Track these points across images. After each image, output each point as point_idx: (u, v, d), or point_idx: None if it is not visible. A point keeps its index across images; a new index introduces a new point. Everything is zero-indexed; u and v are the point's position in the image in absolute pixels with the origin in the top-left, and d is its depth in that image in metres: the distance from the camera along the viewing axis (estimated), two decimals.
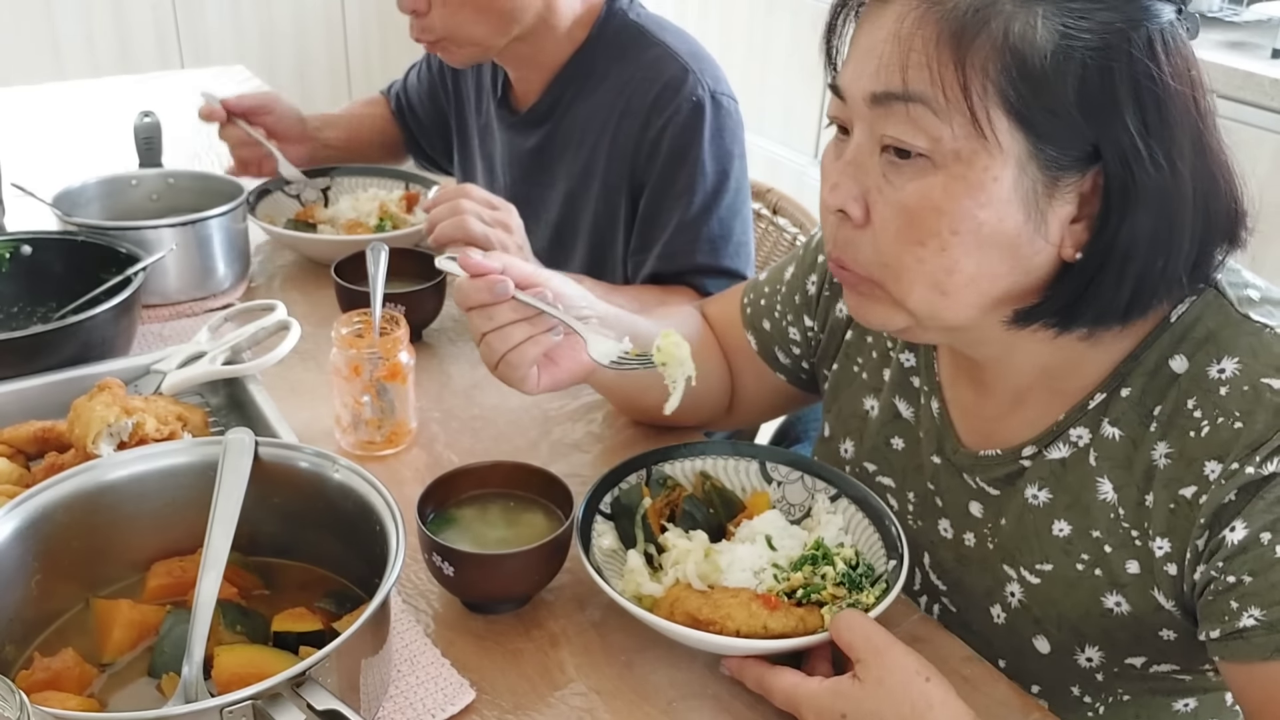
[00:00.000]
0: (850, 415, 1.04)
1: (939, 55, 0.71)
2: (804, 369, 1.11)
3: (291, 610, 0.81)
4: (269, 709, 0.64)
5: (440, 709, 0.80)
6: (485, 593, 0.89)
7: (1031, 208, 0.73)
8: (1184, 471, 0.77)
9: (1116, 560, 0.82)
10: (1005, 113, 0.70)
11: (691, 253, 1.40)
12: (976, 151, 0.71)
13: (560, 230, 1.52)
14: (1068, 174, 0.72)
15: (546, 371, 0.93)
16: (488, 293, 0.88)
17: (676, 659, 0.86)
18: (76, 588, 0.83)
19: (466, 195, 1.24)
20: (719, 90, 1.41)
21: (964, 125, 0.71)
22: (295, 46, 4.00)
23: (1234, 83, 2.09)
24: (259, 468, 0.85)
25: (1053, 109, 0.70)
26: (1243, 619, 0.72)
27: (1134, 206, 0.71)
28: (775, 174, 3.16)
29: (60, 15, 3.58)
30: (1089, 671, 0.87)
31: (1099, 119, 0.70)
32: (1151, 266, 0.73)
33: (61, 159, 1.85)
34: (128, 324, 1.19)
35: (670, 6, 3.52)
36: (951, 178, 0.72)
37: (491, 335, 0.90)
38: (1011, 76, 0.69)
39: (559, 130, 1.48)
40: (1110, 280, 0.74)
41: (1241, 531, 0.73)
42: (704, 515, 0.95)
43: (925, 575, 0.97)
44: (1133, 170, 0.70)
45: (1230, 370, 0.76)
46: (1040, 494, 0.86)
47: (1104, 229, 0.73)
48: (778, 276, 1.11)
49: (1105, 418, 0.82)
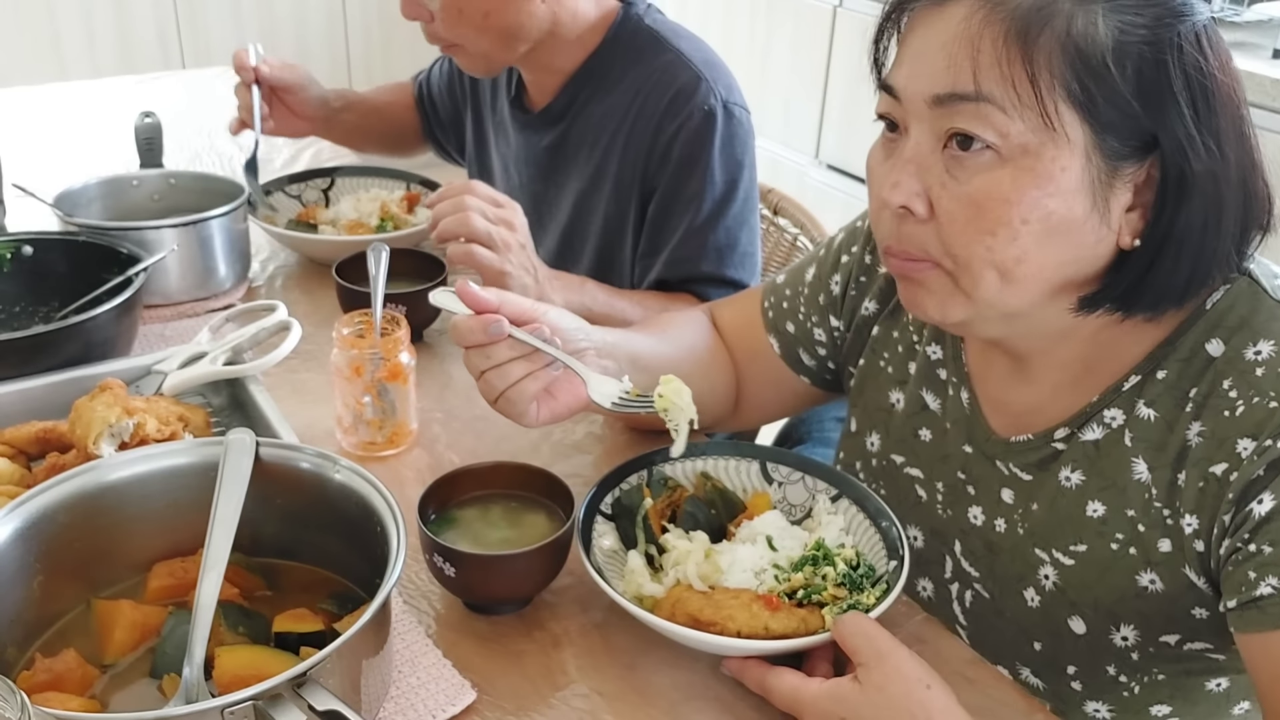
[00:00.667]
0: (876, 409, 1.04)
1: (1007, 53, 0.74)
2: (829, 369, 1.11)
3: (292, 611, 0.81)
4: (270, 710, 0.64)
5: (441, 710, 0.80)
6: (487, 593, 0.89)
7: (1096, 196, 0.76)
8: (1216, 450, 0.78)
9: (1149, 539, 0.83)
10: (1071, 105, 0.74)
11: (697, 260, 1.40)
12: (1044, 143, 0.74)
13: (571, 231, 1.52)
14: (1126, 164, 0.75)
15: (545, 405, 0.92)
16: (482, 333, 0.88)
17: (679, 660, 0.86)
18: (78, 588, 0.83)
19: (471, 191, 1.24)
20: (731, 100, 1.41)
21: (1033, 119, 0.74)
22: (296, 46, 4.00)
23: None
24: (260, 468, 0.85)
25: (1114, 100, 0.73)
26: (1261, 588, 0.74)
27: (1188, 193, 0.75)
28: (775, 174, 3.16)
29: (61, 15, 3.58)
30: (1124, 651, 0.87)
31: (1156, 109, 0.74)
32: (1204, 249, 0.77)
33: (63, 159, 1.85)
34: (129, 324, 1.19)
35: (670, 6, 3.52)
36: (1020, 170, 0.75)
37: (490, 373, 0.89)
38: (1076, 70, 0.73)
39: (572, 131, 1.49)
40: (1168, 264, 0.77)
41: (1269, 504, 0.74)
42: (705, 516, 0.95)
43: (957, 563, 0.98)
44: (1188, 158, 0.74)
45: (1267, 352, 0.78)
46: (1074, 476, 0.87)
47: (1160, 216, 0.76)
48: (798, 279, 1.12)
49: (1140, 399, 0.83)
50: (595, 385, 0.90)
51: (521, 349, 0.89)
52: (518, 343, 0.88)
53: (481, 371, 0.90)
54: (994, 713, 0.83)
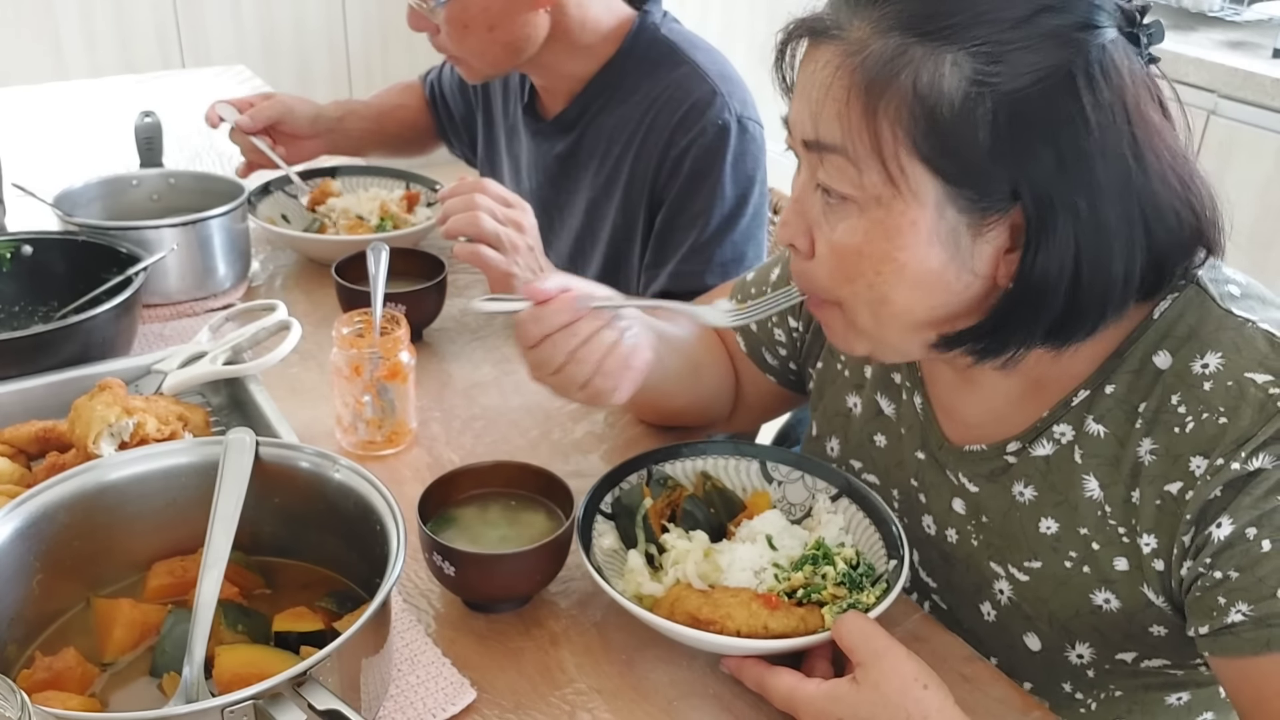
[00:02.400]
0: (834, 413, 1.04)
1: (851, 107, 0.72)
2: (791, 369, 1.11)
3: (292, 610, 0.81)
4: (270, 709, 0.64)
5: (441, 708, 0.80)
6: (486, 592, 0.89)
7: (954, 246, 0.74)
8: (1170, 468, 0.77)
9: (1105, 557, 0.82)
10: (918, 161, 0.72)
11: (702, 274, 1.39)
12: (894, 197, 0.73)
13: (581, 238, 1.52)
14: (991, 211, 0.73)
15: (627, 376, 0.91)
16: (570, 311, 0.86)
17: (677, 658, 0.86)
18: (78, 587, 0.83)
19: (482, 189, 1.24)
20: (745, 114, 1.40)
21: (879, 173, 0.73)
22: (295, 46, 4.01)
23: (1234, 82, 2.08)
24: (260, 468, 0.85)
25: (963, 155, 0.71)
26: (1231, 614, 0.73)
27: (1050, 241, 0.72)
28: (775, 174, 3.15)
29: (61, 15, 3.59)
30: (1080, 668, 0.87)
31: (1012, 163, 0.70)
32: (1076, 294, 0.74)
33: (62, 159, 1.85)
34: (128, 324, 1.19)
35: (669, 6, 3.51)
36: (873, 222, 0.75)
37: (582, 350, 0.87)
38: (921, 127, 0.71)
39: (585, 140, 1.48)
40: (1027, 310, 0.75)
41: (1228, 527, 0.73)
42: (705, 515, 0.95)
43: (915, 573, 0.98)
44: (1051, 207, 0.71)
45: (1214, 365, 0.76)
46: (1027, 491, 0.86)
47: (1023, 261, 0.73)
48: (763, 278, 1.11)
49: (1090, 415, 0.82)
50: (706, 314, 0.93)
51: (605, 317, 0.88)
52: (600, 311, 0.88)
53: (570, 351, 0.87)
54: (991, 711, 0.83)
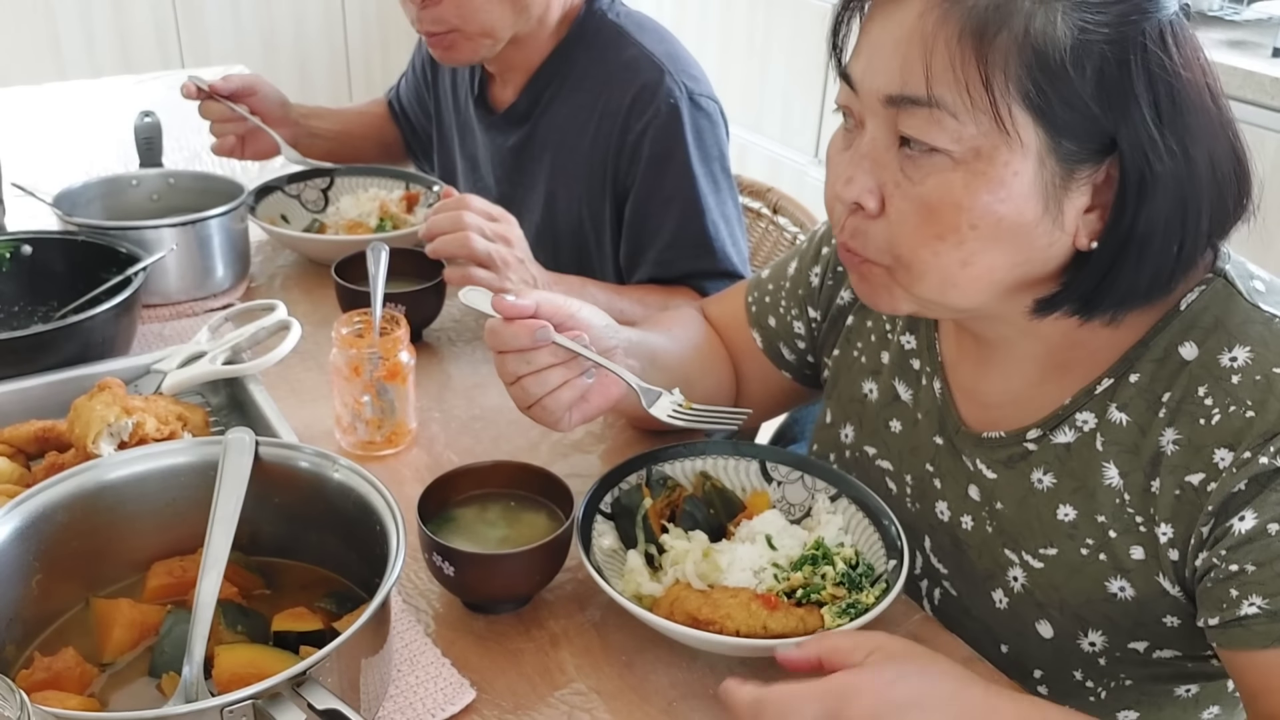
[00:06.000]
0: (850, 400, 1.04)
1: (961, 54, 0.71)
2: (808, 363, 1.11)
3: (292, 610, 0.81)
4: (269, 709, 0.64)
5: (440, 709, 0.80)
6: (485, 593, 0.89)
7: (1049, 200, 0.74)
8: (1192, 458, 0.77)
9: (1121, 546, 0.82)
10: (1026, 108, 0.71)
11: (688, 258, 1.39)
12: (998, 147, 0.72)
13: (541, 232, 1.51)
14: (1083, 166, 0.73)
15: (578, 409, 0.91)
16: (527, 338, 0.86)
17: (677, 659, 0.86)
18: (77, 587, 0.83)
19: (468, 207, 1.21)
20: (697, 91, 1.39)
21: (986, 123, 0.72)
22: (295, 46, 4.00)
23: (1234, 82, 2.08)
24: (259, 468, 0.85)
25: (1071, 103, 0.71)
26: (1244, 607, 0.73)
27: (1150, 195, 0.73)
28: (775, 174, 3.16)
29: (60, 15, 3.58)
30: (1092, 656, 0.87)
31: (1116, 111, 0.71)
32: (1168, 250, 0.75)
33: (62, 159, 1.85)
34: (128, 324, 1.19)
35: (670, 6, 3.52)
36: (972, 174, 0.73)
37: (528, 380, 0.88)
38: (1032, 72, 0.71)
39: (537, 131, 1.47)
40: (1129, 266, 0.75)
41: (1250, 521, 0.73)
42: (704, 515, 0.95)
43: (926, 559, 0.97)
44: (1149, 160, 0.72)
45: (1242, 359, 0.77)
46: (1045, 478, 0.86)
47: (1120, 217, 0.74)
48: (781, 273, 1.12)
49: (1113, 403, 0.82)
50: (656, 405, 0.91)
51: (562, 355, 0.88)
52: (559, 349, 0.87)
53: (518, 376, 0.88)
54: None
